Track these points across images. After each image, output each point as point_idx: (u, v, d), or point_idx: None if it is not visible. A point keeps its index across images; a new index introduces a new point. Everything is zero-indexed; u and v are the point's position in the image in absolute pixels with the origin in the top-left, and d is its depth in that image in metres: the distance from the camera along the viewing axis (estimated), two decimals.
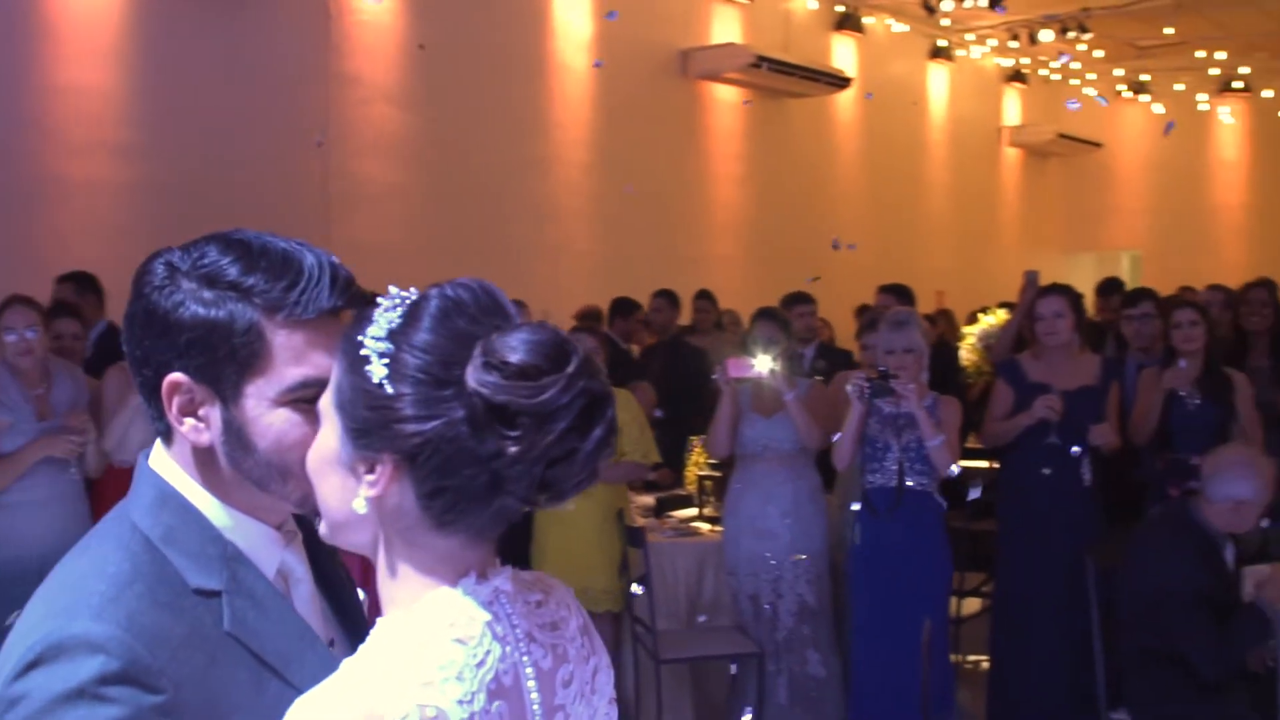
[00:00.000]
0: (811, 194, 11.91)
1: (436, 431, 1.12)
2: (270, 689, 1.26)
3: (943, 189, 13.79)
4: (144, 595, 1.22)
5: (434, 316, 1.15)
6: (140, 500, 1.32)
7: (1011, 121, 14.72)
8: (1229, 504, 4.04)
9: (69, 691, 1.15)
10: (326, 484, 1.22)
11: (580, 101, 9.83)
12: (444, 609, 1.17)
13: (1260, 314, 5.81)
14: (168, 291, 1.28)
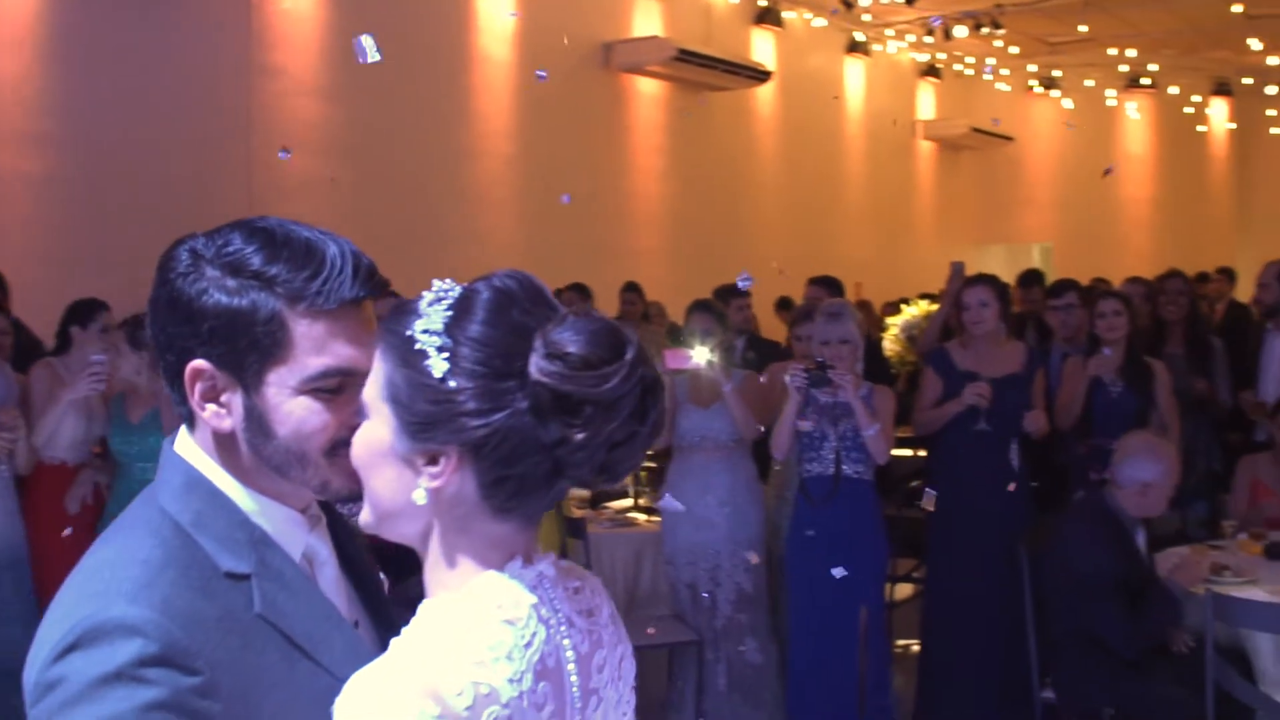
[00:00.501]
0: (732, 186, 12.00)
1: (502, 423, 1.16)
2: (300, 669, 1.28)
3: (859, 182, 13.96)
4: (177, 580, 1.24)
5: (488, 309, 1.18)
6: (168, 486, 1.33)
7: (926, 116, 14.94)
8: (1136, 487, 4.21)
9: (107, 674, 1.15)
10: (379, 477, 1.23)
11: (503, 94, 9.80)
12: (493, 592, 1.20)
13: (1177, 303, 6.00)
14: (192, 279, 1.29)
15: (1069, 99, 14.94)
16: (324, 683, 1.26)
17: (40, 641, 1.22)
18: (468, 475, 1.19)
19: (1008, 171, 15.67)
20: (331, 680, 1.25)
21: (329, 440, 1.31)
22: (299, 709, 1.25)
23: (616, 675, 1.32)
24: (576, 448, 1.16)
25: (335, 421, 1.30)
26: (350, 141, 8.48)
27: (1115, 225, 15.55)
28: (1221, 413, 6.03)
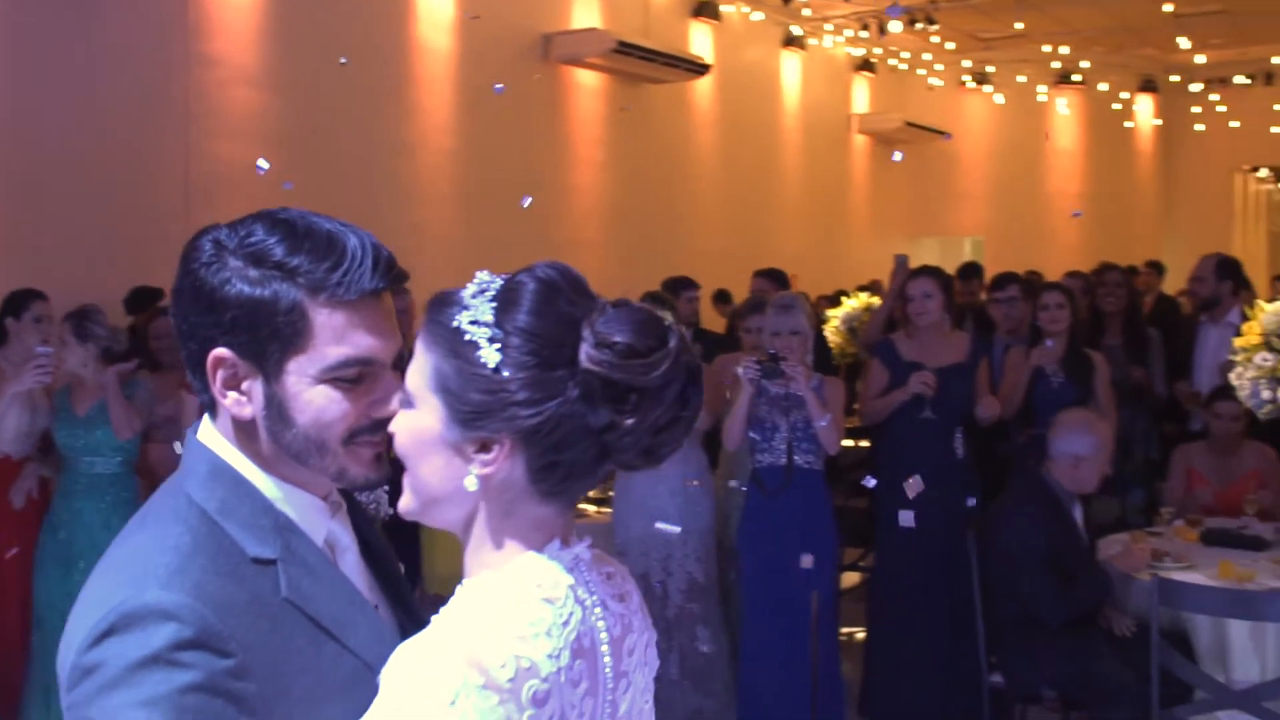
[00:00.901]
0: (671, 179, 12.04)
1: (554, 411, 1.20)
2: (327, 651, 1.31)
3: (795, 175, 14.05)
4: (207, 566, 1.27)
5: (536, 300, 1.23)
6: (193, 474, 1.36)
7: (860, 109, 15.07)
8: (1069, 460, 4.37)
9: (144, 658, 1.18)
10: (427, 465, 1.27)
11: (443, 85, 9.75)
12: (533, 571, 1.25)
13: (1115, 295, 6.14)
14: (215, 269, 1.31)
15: (1000, 94, 15.15)
16: (349, 664, 1.31)
17: (74, 629, 1.25)
18: (518, 461, 1.24)
19: (940, 165, 15.85)
20: (357, 662, 1.31)
21: (348, 428, 1.34)
22: (326, 689, 1.29)
23: (644, 660, 1.37)
24: (625, 433, 1.21)
25: (354, 410, 1.33)
26: (289, 132, 8.38)
27: (1045, 219, 15.80)
28: (1158, 402, 6.18)
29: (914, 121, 14.90)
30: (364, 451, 1.35)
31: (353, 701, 1.26)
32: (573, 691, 1.22)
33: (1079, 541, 4.40)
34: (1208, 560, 4.52)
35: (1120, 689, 4.06)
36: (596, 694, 1.26)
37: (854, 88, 15.08)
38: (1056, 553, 4.20)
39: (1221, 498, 5.32)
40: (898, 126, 14.91)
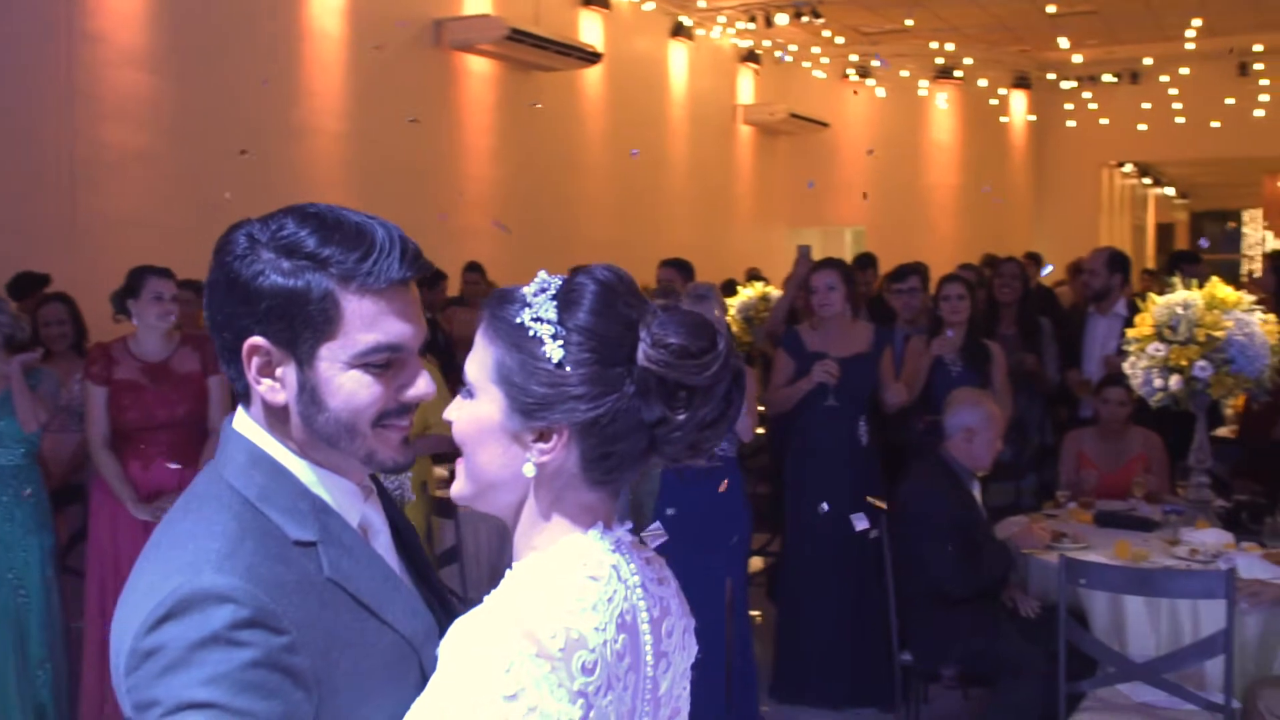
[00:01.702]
0: (562, 167, 12.05)
1: (611, 405, 1.29)
2: (369, 627, 1.37)
3: (682, 164, 14.17)
4: (255, 549, 1.32)
5: (596, 300, 1.31)
6: (232, 462, 1.41)
7: (745, 100, 15.25)
8: (962, 434, 4.59)
9: (204, 638, 1.24)
10: (485, 452, 1.36)
11: (334, 69, 9.61)
12: (579, 551, 1.33)
13: (1011, 286, 6.35)
14: (249, 261, 1.36)
15: (882, 88, 15.46)
16: (389, 638, 1.38)
17: (129, 616, 1.29)
18: (573, 450, 1.32)
19: (822, 156, 16.12)
20: (396, 636, 1.38)
21: (378, 411, 1.39)
22: (370, 662, 1.35)
23: (682, 645, 1.44)
24: (675, 428, 1.31)
25: (384, 394, 1.39)
26: (177, 115, 8.19)
27: (923, 211, 16.18)
28: (1050, 389, 6.41)
29: (798, 113, 15.14)
30: (392, 435, 1.41)
31: (394, 673, 1.37)
32: (618, 664, 1.30)
33: (980, 516, 4.60)
34: (1103, 541, 4.72)
35: (1026, 665, 4.23)
36: (638, 669, 1.33)
37: (739, 79, 15.25)
38: (960, 525, 4.37)
39: (1110, 481, 5.55)
40: (782, 118, 15.13)
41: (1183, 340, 4.60)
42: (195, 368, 4.81)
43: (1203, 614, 4.14)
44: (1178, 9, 12.75)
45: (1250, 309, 4.67)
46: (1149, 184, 21.48)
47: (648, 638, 1.36)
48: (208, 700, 1.22)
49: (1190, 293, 4.67)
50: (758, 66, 15.17)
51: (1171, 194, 23.68)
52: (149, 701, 1.24)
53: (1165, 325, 4.65)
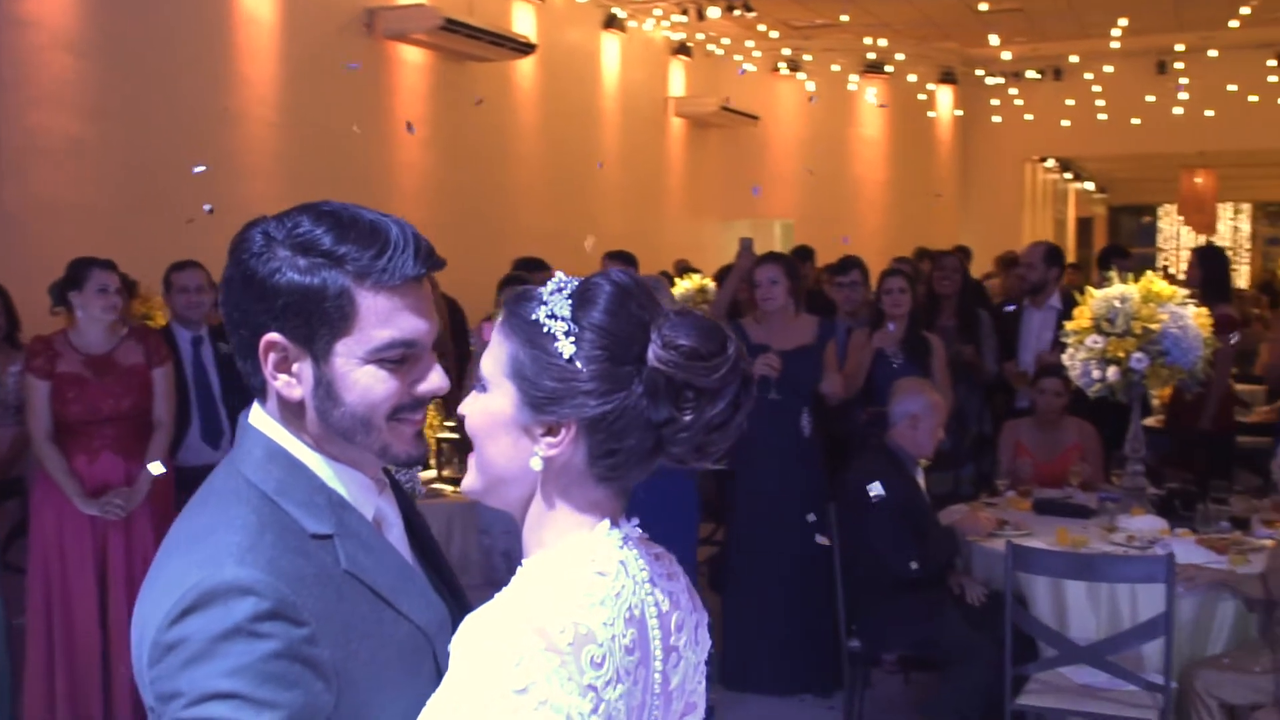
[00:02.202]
0: (495, 158, 12.02)
1: (619, 402, 1.31)
2: (385, 618, 1.39)
3: (614, 156, 14.19)
4: (275, 542, 1.34)
5: (611, 300, 1.33)
6: (249, 457, 1.42)
7: (677, 93, 15.30)
8: (907, 420, 4.70)
9: (227, 631, 1.26)
10: (495, 444, 1.38)
11: (266, 56, 9.50)
12: (587, 548, 1.35)
13: (951, 279, 6.46)
14: (265, 258, 1.38)
15: (812, 81, 15.60)
16: (405, 629, 1.41)
17: (149, 610, 1.31)
18: (580, 446, 1.34)
19: (753, 149, 16.23)
20: (411, 626, 1.41)
21: (393, 406, 1.41)
22: (386, 653, 1.38)
23: (694, 640, 1.46)
24: (682, 428, 1.33)
25: (399, 388, 1.41)
26: (107, 101, 8.05)
27: (851, 204, 16.34)
28: (988, 380, 6.54)
29: (729, 106, 15.23)
30: (406, 429, 1.43)
31: (409, 663, 1.40)
32: (627, 658, 1.31)
33: (925, 502, 4.71)
34: (1042, 528, 4.84)
35: (973, 650, 4.33)
36: (647, 664, 1.35)
37: (671, 71, 15.30)
38: (906, 510, 4.46)
39: (1046, 470, 5.68)
40: (713, 110, 15.21)
41: (1120, 333, 4.73)
42: (139, 360, 4.76)
43: (1141, 598, 4.27)
44: (1101, 8, 13.01)
45: (1184, 302, 4.82)
46: (1070, 179, 21.88)
47: (656, 633, 1.37)
48: (230, 691, 1.24)
49: (1127, 287, 4.80)
50: (689, 59, 15.23)
51: (1091, 189, 24.14)
52: (173, 693, 1.27)
53: (1103, 318, 4.78)
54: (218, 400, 5.35)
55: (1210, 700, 4.04)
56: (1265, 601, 4.23)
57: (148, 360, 4.76)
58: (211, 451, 5.31)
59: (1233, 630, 4.31)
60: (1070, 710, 4.17)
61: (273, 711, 1.25)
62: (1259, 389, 8.68)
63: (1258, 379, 8.90)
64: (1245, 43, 14.38)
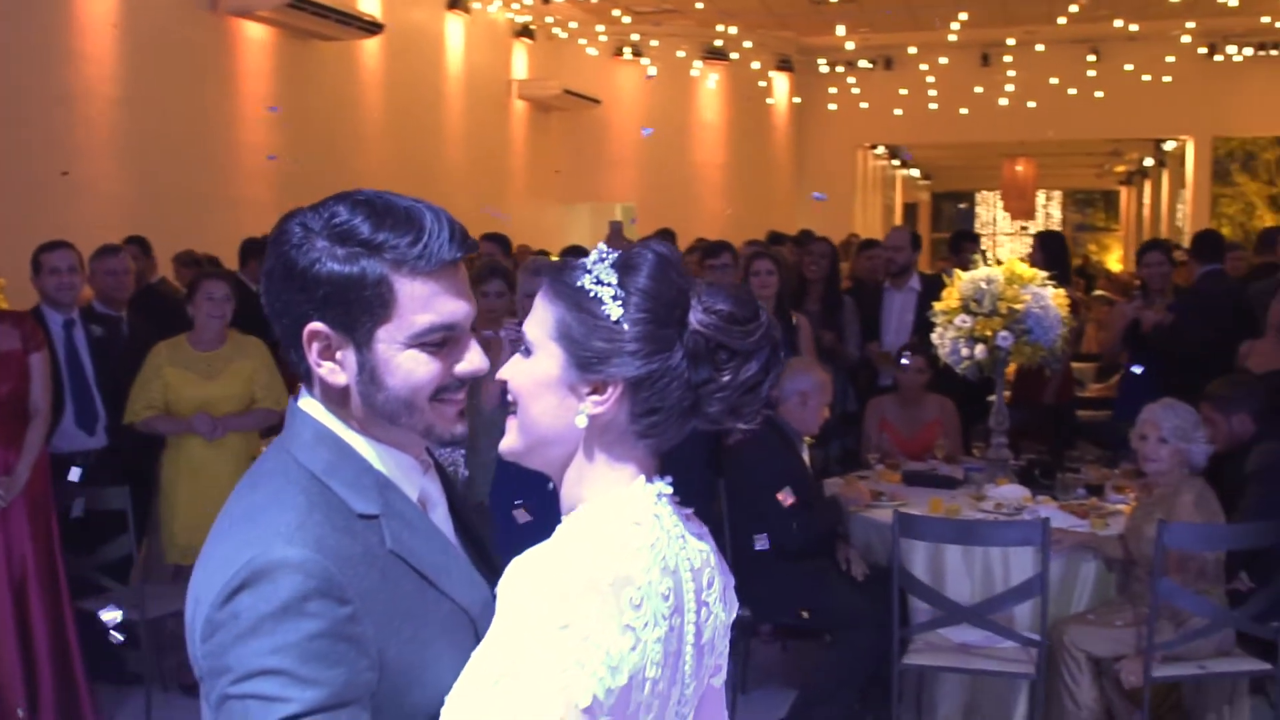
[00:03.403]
0: (340, 139, 11.85)
1: (662, 363, 1.39)
2: (428, 597, 1.43)
3: (458, 138, 14.13)
4: (323, 522, 1.37)
5: (654, 267, 1.42)
6: (298, 439, 1.46)
7: (520, 75, 15.31)
8: (796, 398, 4.89)
9: (275, 610, 1.29)
10: (540, 404, 1.44)
11: (105, 32, 9.18)
12: (625, 502, 1.43)
13: (820, 264, 6.69)
14: (304, 249, 1.40)
15: (655, 66, 15.78)
16: (447, 607, 1.44)
17: (204, 587, 1.35)
18: (623, 405, 1.42)
19: (594, 133, 16.34)
20: (453, 605, 1.45)
21: (435, 388, 1.44)
22: (430, 630, 1.41)
23: (723, 599, 1.53)
24: (719, 389, 1.42)
25: (441, 370, 1.44)
26: None
27: (691, 188, 16.59)
28: (850, 364, 6.80)
29: (571, 89, 15.30)
30: (448, 409, 1.46)
31: (452, 640, 1.42)
32: (662, 604, 1.39)
33: (810, 475, 4.90)
34: (915, 498, 5.10)
35: (860, 615, 4.55)
36: (681, 612, 1.42)
37: (514, 54, 15.29)
38: (794, 481, 4.64)
39: (909, 444, 5.96)
40: (555, 94, 15.26)
41: (987, 312, 5.01)
42: (16, 346, 4.61)
43: (1012, 561, 4.55)
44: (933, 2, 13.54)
45: (1044, 284, 5.13)
46: (897, 166, 22.65)
47: (689, 585, 1.44)
48: (276, 668, 1.28)
49: (993, 269, 5.08)
50: (532, 42, 15.25)
51: (916, 175, 25.04)
52: (222, 669, 1.30)
53: (970, 299, 5.05)
54: (92, 385, 5.21)
55: (1078, 653, 4.34)
56: (1124, 561, 4.56)
57: (24, 346, 4.61)
58: (86, 437, 5.17)
59: (1095, 588, 4.63)
60: (953, 668, 4.43)
61: (317, 689, 1.28)
62: (1088, 366, 9.21)
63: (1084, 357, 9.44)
64: (1067, 37, 15.16)
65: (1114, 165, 23.99)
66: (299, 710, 1.27)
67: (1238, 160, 18.64)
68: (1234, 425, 4.83)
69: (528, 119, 15.72)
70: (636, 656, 1.33)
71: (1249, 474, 4.73)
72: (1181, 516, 4.23)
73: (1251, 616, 4.26)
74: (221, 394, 5.15)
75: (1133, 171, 23.92)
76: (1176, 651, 4.22)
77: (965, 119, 16.38)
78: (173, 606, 5.01)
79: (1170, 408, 4.41)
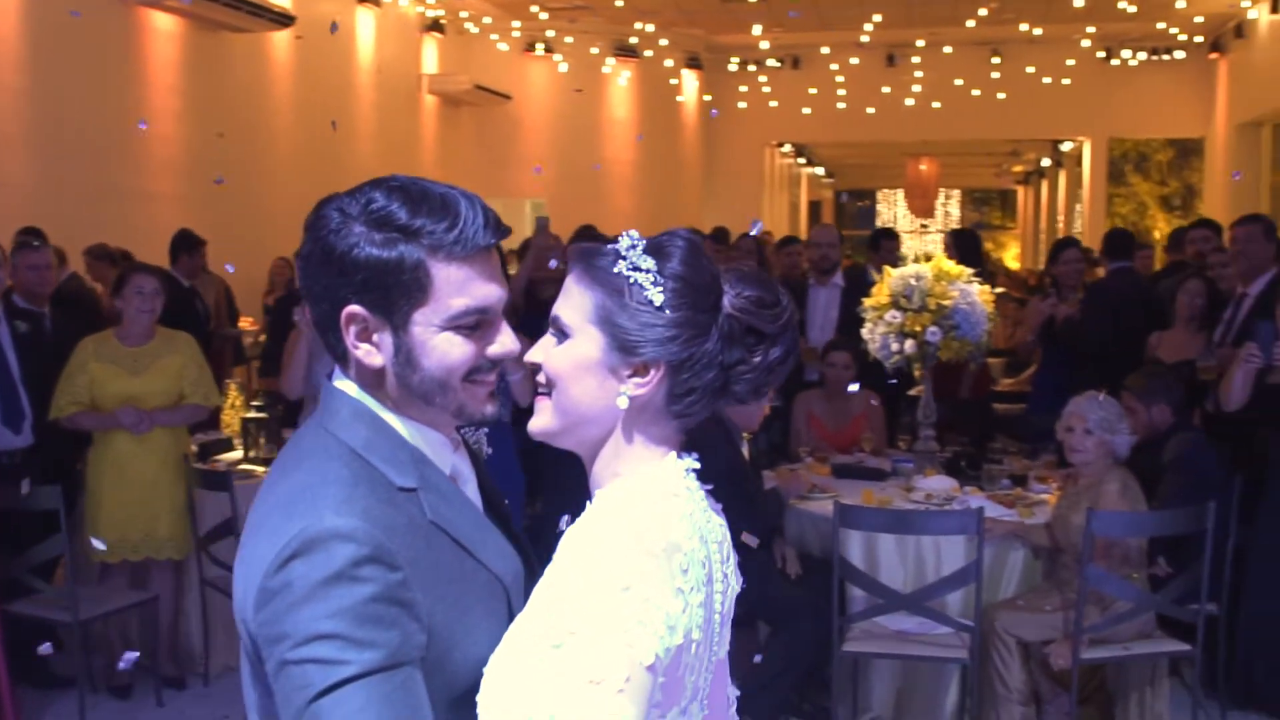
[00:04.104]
0: (249, 132, 11.67)
1: (700, 345, 1.46)
2: (467, 566, 1.48)
3: (368, 132, 14.01)
4: (368, 494, 1.42)
5: (688, 254, 1.48)
6: (336, 416, 1.50)
7: (430, 70, 15.21)
8: None
9: (329, 576, 1.33)
10: (580, 387, 1.48)
11: (9, 19, 8.95)
12: (658, 475, 1.49)
13: (746, 261, 6.76)
14: (343, 235, 1.44)
15: (566, 63, 15.79)
16: (484, 576, 1.50)
17: (253, 560, 1.39)
18: (662, 386, 1.48)
19: (505, 128, 16.30)
20: (489, 574, 1.50)
21: (469, 369, 1.49)
22: (469, 599, 1.47)
23: (736, 574, 1.60)
24: (748, 369, 1.50)
25: (475, 352, 1.49)
26: None
27: (601, 184, 16.64)
28: None
29: (481, 84, 15.25)
30: (480, 390, 1.52)
31: (489, 608, 1.49)
32: (701, 571, 1.45)
33: (750, 469, 4.96)
34: (847, 490, 5.20)
35: (798, 606, 4.63)
36: (710, 580, 1.48)
37: (425, 48, 15.19)
38: (736, 474, 4.70)
39: (836, 437, 6.07)
40: (466, 89, 15.19)
41: (916, 308, 5.13)
42: None
43: (944, 550, 4.67)
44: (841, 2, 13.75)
45: (970, 281, 5.26)
46: (803, 163, 22.93)
47: (716, 556, 1.51)
48: (333, 632, 1.31)
49: (921, 266, 5.20)
50: (442, 36, 15.16)
51: (821, 173, 25.37)
52: (280, 635, 1.34)
53: (900, 295, 5.16)
54: (17, 382, 5.09)
55: (1009, 638, 4.48)
56: (1050, 549, 4.71)
57: None
58: (12, 436, 5.05)
59: (1022, 575, 4.77)
60: (890, 654, 4.53)
61: (373, 651, 1.32)
62: (997, 362, 9.44)
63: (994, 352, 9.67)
64: (973, 40, 15.51)
65: (1012, 165, 24.58)
66: (357, 671, 1.31)
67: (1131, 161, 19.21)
68: (1153, 415, 5.01)
69: (438, 114, 15.63)
70: (687, 619, 1.39)
71: (1166, 463, 4.92)
72: (1108, 505, 4.38)
73: (1173, 600, 4.43)
74: (149, 390, 5.08)
75: (1030, 171, 24.53)
76: (1103, 634, 4.38)
77: (872, 118, 16.65)
78: (103, 608, 4.94)
79: (1095, 401, 4.57)
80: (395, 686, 1.33)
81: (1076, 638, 4.28)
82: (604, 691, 1.29)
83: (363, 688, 1.31)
